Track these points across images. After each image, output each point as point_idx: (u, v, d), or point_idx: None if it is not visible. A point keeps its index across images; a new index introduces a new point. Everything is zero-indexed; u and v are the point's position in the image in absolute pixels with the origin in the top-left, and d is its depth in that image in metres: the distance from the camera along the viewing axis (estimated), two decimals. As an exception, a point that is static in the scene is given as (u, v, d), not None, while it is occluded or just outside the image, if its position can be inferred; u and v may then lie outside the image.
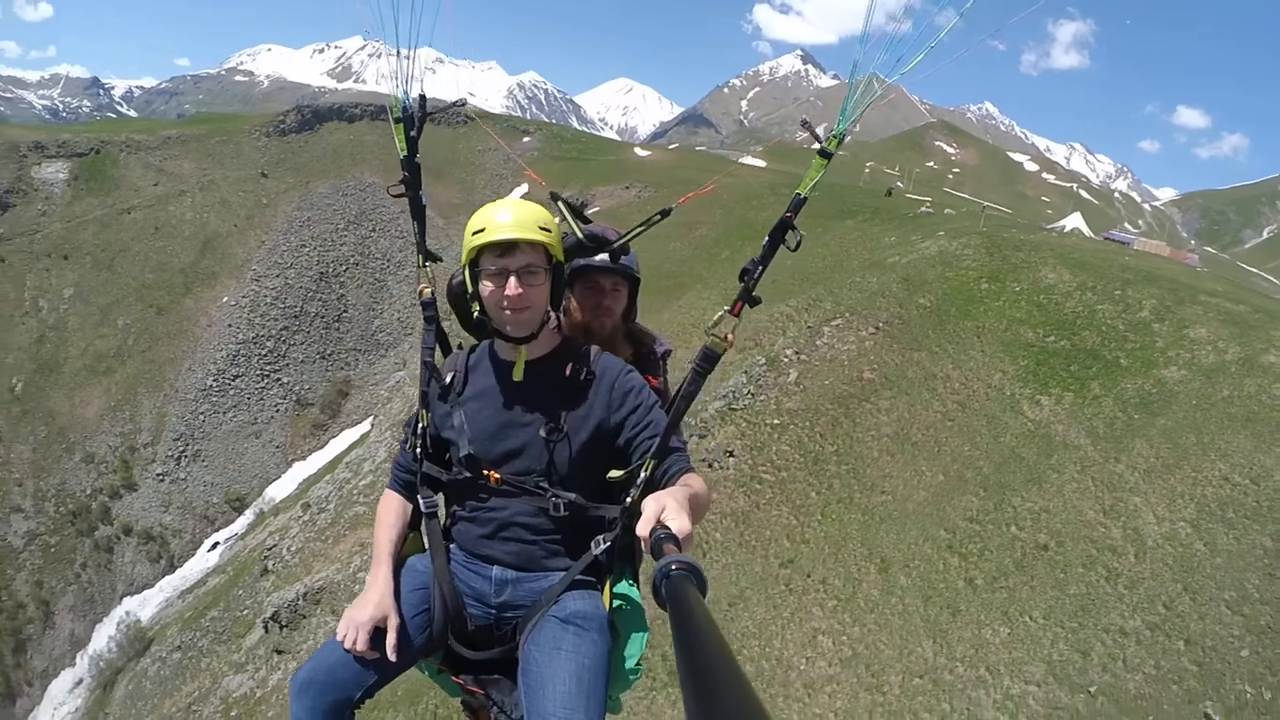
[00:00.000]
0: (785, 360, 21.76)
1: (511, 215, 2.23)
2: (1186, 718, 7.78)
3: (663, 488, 2.04)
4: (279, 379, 71.02)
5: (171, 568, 60.47)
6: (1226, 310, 16.20)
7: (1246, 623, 8.35)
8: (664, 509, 1.67)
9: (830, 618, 12.88)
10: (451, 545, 2.49)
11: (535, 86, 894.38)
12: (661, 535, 1.58)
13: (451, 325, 2.75)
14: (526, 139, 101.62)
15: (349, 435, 64.22)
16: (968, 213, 45.84)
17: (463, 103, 2.94)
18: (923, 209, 46.16)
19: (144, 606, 53.94)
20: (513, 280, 2.21)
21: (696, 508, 1.94)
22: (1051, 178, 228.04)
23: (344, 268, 78.98)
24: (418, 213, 2.70)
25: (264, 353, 71.65)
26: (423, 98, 2.62)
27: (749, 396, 20.94)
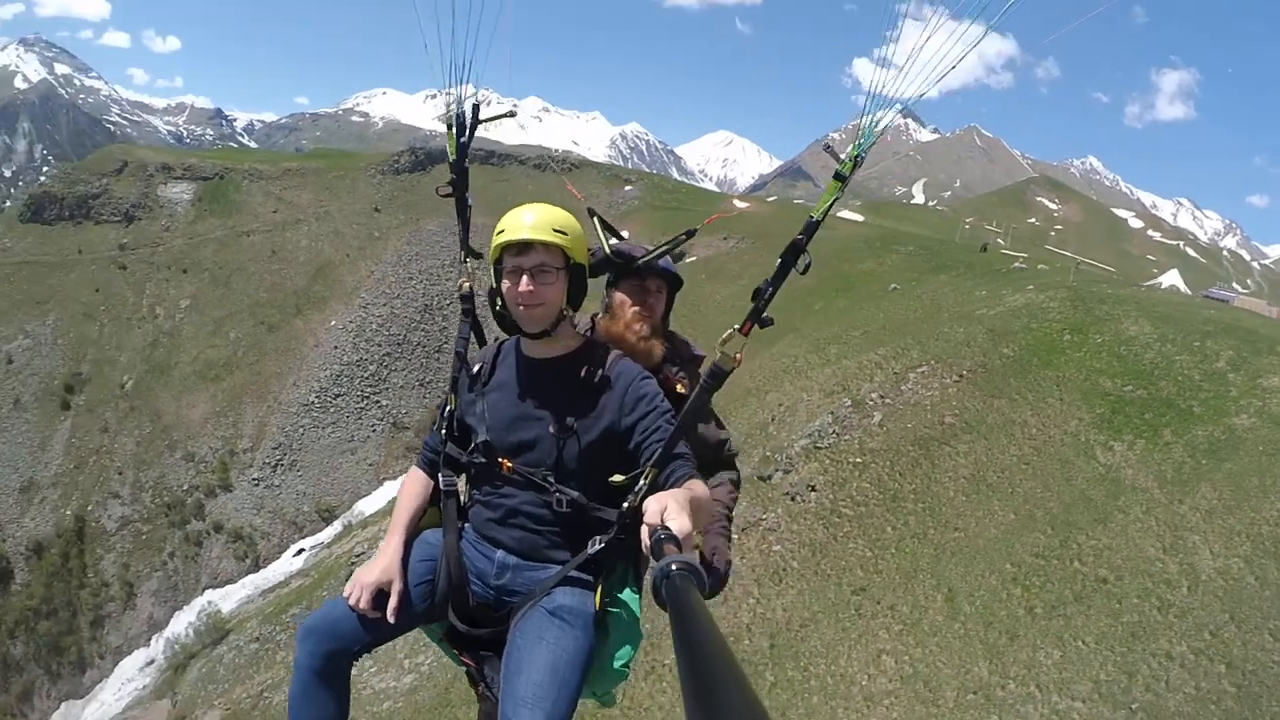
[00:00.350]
0: (870, 403, 22.86)
1: (529, 217, 2.38)
2: None
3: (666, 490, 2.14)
4: (378, 401, 74.74)
5: (256, 567, 63.66)
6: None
7: None
8: (665, 509, 1.78)
9: (895, 640, 13.88)
10: (465, 525, 2.67)
11: (637, 137, 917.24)
12: (662, 535, 1.65)
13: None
14: (628, 188, 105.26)
15: (440, 460, 67.11)
16: (1061, 268, 45.82)
17: (513, 113, 3.02)
18: (1016, 264, 46.37)
19: (225, 600, 56.51)
20: (525, 278, 2.36)
21: (697, 511, 2.03)
22: (1157, 235, 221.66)
23: (448, 302, 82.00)
24: (462, 212, 2.96)
25: (366, 375, 75.72)
26: (476, 107, 2.85)
27: (834, 436, 22.08)
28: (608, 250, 2.86)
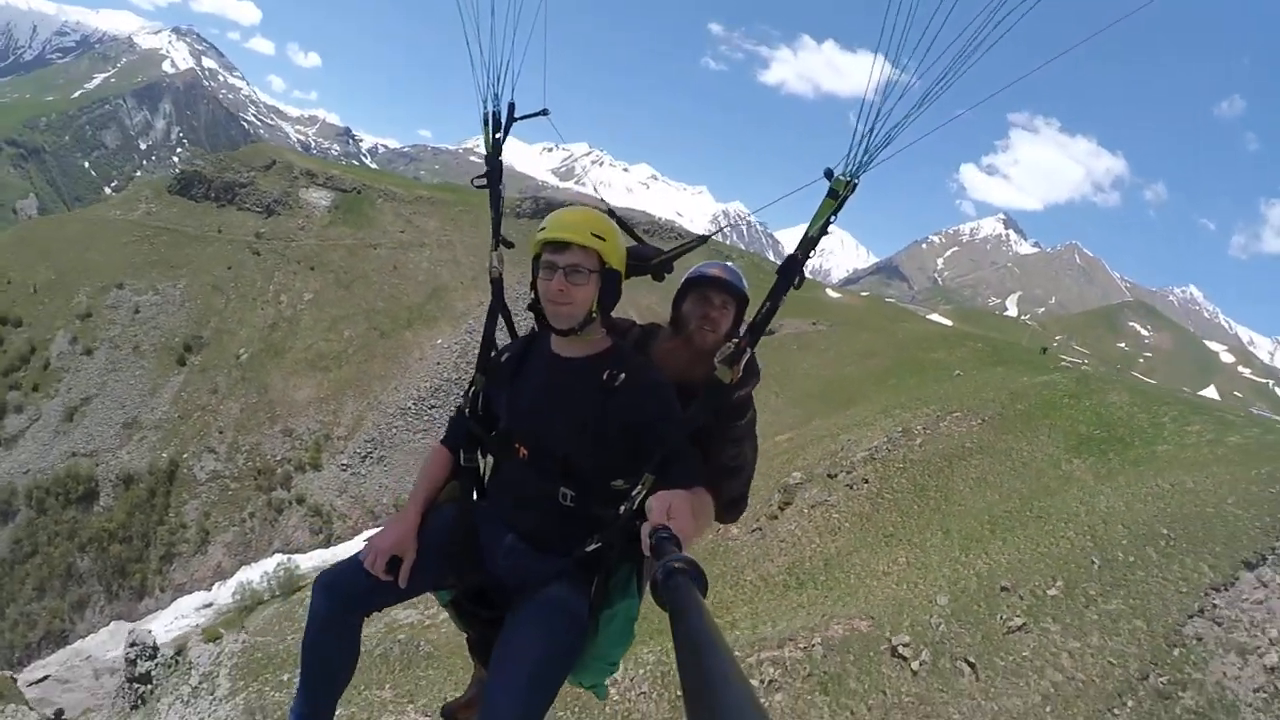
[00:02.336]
0: (915, 432, 31.95)
1: (570, 219, 2.64)
2: (1083, 563, 17.34)
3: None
4: None
5: (328, 544, 71.83)
6: (1225, 419, 25.43)
7: (1130, 533, 17.67)
8: (668, 508, 1.98)
9: (906, 553, 22.83)
10: (484, 503, 2.98)
11: (739, 216, 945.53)
12: (663, 535, 1.80)
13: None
14: (729, 263, 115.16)
15: (520, 485, 73.65)
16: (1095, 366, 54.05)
17: (545, 111, 3.09)
18: (1064, 363, 54.94)
19: (296, 563, 62.99)
20: (558, 276, 2.61)
21: (699, 515, 2.22)
22: (1248, 371, 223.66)
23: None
24: (495, 203, 3.28)
25: (462, 393, 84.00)
26: (511, 106, 3.09)
27: (886, 450, 31.16)
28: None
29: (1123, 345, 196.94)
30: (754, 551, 28.72)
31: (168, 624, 59.70)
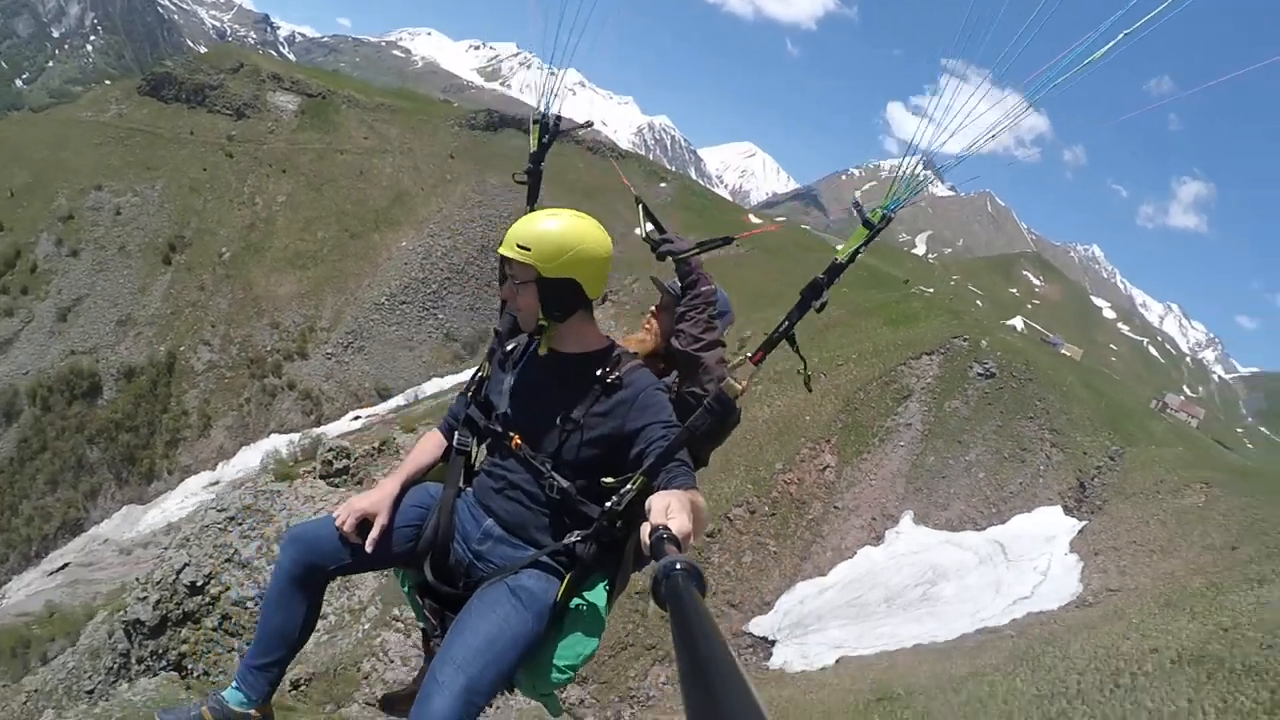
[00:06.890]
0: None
1: (513, 229, 3.04)
2: (857, 349, 47.04)
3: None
4: (435, 314, 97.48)
5: (318, 423, 79.49)
6: (980, 324, 56.02)
7: (890, 344, 47.50)
8: (668, 507, 2.16)
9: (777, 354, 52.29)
10: (468, 489, 3.34)
11: (664, 130, 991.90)
12: (662, 534, 1.98)
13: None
14: (663, 185, 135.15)
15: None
16: (937, 293, 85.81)
17: (590, 124, 3.78)
18: (914, 289, 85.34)
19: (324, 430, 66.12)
20: (507, 283, 3.13)
21: (696, 514, 2.36)
22: (1126, 329, 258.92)
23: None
24: (532, 200, 3.70)
25: (428, 292, 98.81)
26: (558, 118, 3.74)
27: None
28: (643, 236, 3.52)
29: (1014, 291, 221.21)
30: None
31: (180, 503, 70.37)
